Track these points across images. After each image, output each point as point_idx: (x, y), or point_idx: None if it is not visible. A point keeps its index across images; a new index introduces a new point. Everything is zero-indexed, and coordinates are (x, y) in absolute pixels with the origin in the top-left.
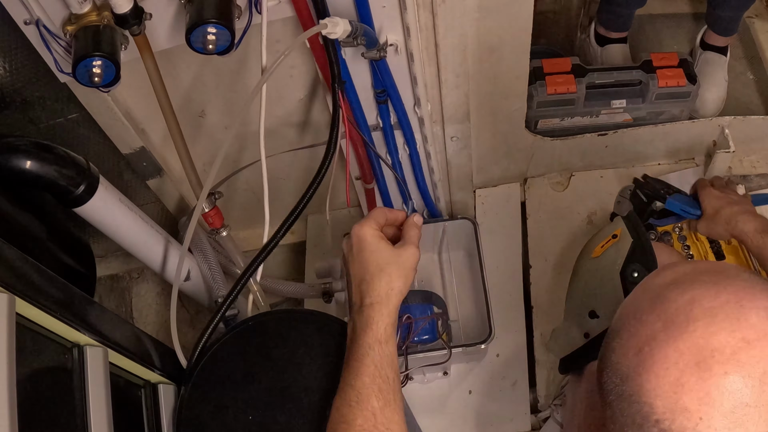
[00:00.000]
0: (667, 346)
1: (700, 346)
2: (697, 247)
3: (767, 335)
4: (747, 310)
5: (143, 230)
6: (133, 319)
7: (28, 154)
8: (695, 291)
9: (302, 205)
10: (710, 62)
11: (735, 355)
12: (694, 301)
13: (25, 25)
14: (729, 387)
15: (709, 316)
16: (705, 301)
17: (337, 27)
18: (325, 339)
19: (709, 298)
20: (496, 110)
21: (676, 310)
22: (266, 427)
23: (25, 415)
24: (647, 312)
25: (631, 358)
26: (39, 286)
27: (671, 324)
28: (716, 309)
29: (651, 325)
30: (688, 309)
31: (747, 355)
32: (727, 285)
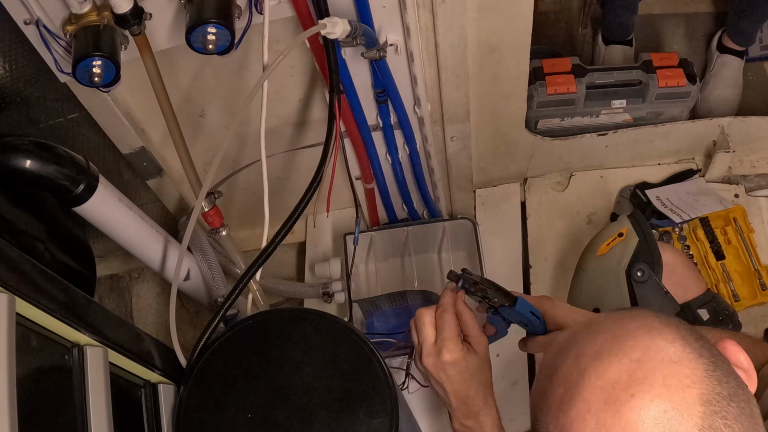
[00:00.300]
0: (574, 403)
1: (601, 387)
2: (697, 247)
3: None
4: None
5: (143, 230)
6: (133, 319)
7: (28, 153)
8: (577, 348)
9: (300, 208)
10: (727, 65)
11: (632, 377)
12: (578, 356)
13: (25, 25)
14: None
15: (595, 360)
16: (587, 350)
17: (336, 27)
18: (324, 338)
19: (590, 346)
20: (496, 110)
21: (568, 370)
22: (265, 426)
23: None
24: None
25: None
26: (39, 286)
27: (569, 383)
28: (598, 352)
29: (554, 394)
30: (576, 365)
31: (642, 371)
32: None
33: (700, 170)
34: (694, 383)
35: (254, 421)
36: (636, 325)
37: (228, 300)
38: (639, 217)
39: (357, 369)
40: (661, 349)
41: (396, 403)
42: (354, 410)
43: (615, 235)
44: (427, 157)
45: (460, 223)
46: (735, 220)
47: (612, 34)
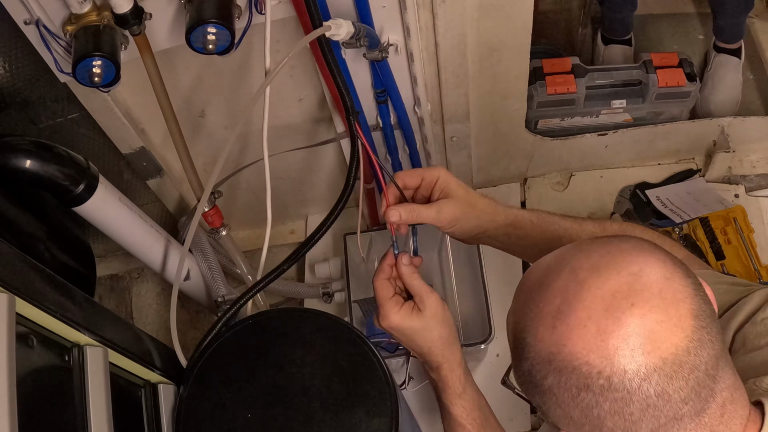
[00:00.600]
0: (574, 311)
1: (601, 296)
2: (697, 247)
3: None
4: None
5: (143, 230)
6: (133, 319)
7: (28, 153)
8: (571, 263)
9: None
10: (724, 64)
11: (631, 288)
12: (575, 269)
13: (25, 25)
14: (640, 314)
15: (594, 271)
16: (584, 264)
17: (341, 29)
18: (324, 338)
19: (585, 261)
20: (496, 110)
21: (566, 283)
22: (265, 425)
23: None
24: (540, 299)
25: (549, 338)
26: (39, 286)
27: (567, 294)
28: (596, 265)
29: (550, 305)
30: (574, 277)
31: (640, 283)
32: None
33: (700, 170)
34: (686, 297)
35: (254, 421)
36: (629, 246)
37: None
38: (631, 215)
39: (357, 369)
40: (655, 266)
41: (396, 403)
42: (354, 410)
43: None
44: (427, 157)
45: None
46: (735, 220)
47: (611, 31)
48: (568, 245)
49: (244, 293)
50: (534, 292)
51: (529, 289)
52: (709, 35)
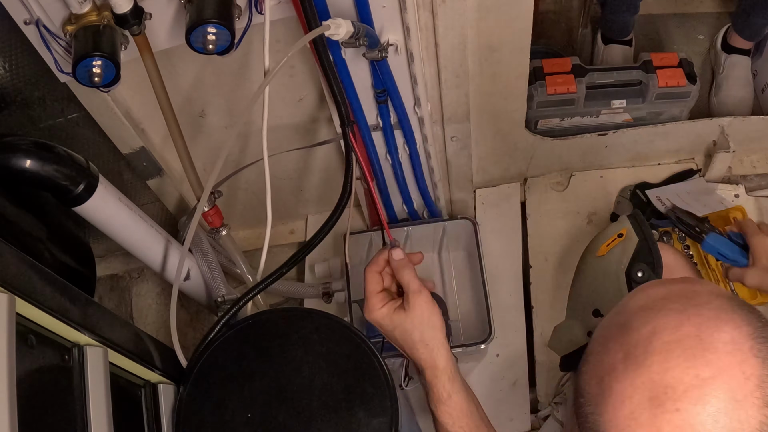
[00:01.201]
0: (624, 379)
1: (655, 382)
2: (697, 247)
3: (722, 373)
4: (706, 345)
5: (143, 230)
6: (133, 319)
7: (27, 153)
8: (659, 321)
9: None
10: (737, 65)
11: (687, 392)
12: (655, 332)
13: (25, 25)
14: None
15: (666, 350)
16: (666, 333)
17: (340, 28)
18: (324, 338)
19: (670, 331)
20: (496, 110)
21: (637, 341)
22: (265, 425)
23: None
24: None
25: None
26: (39, 286)
27: (631, 356)
28: (674, 343)
29: (614, 355)
30: (648, 341)
31: (699, 392)
32: (692, 314)
33: (700, 170)
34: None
35: (254, 421)
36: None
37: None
38: (639, 217)
39: (357, 369)
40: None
41: (396, 403)
42: (354, 410)
43: (615, 235)
44: (427, 157)
45: (460, 223)
46: (735, 220)
47: (612, 32)
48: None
49: (244, 294)
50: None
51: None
52: (709, 35)
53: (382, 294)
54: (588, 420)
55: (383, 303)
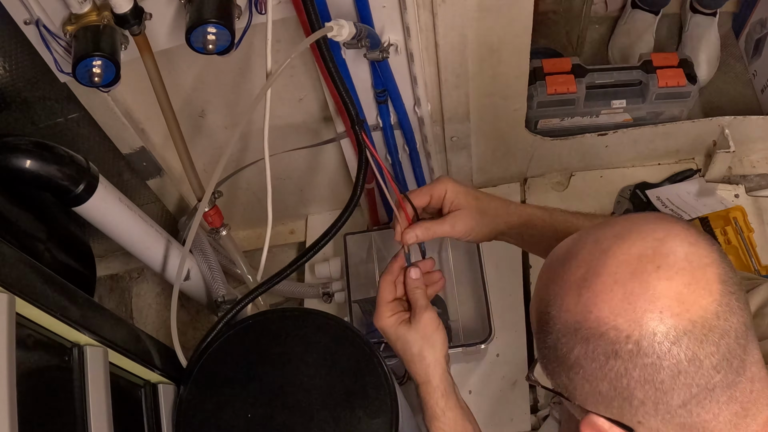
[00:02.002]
0: (600, 277)
1: (626, 261)
2: None
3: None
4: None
5: (143, 230)
6: (133, 319)
7: (28, 153)
8: (595, 233)
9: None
10: (701, 25)
11: (656, 252)
12: (598, 239)
13: (25, 25)
14: (666, 276)
15: (618, 239)
16: (607, 233)
17: (343, 30)
18: (324, 338)
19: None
20: (496, 110)
21: (590, 252)
22: (265, 426)
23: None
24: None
25: (574, 307)
26: (39, 286)
27: (592, 262)
28: (619, 233)
29: (575, 274)
30: (598, 246)
31: (665, 247)
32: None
33: (700, 170)
34: (713, 263)
35: (254, 421)
36: (652, 217)
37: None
38: None
39: (357, 369)
40: (680, 232)
41: (396, 403)
42: (354, 410)
43: None
44: (427, 157)
45: None
46: (735, 220)
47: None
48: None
49: (246, 295)
50: (558, 266)
51: (552, 264)
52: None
53: (394, 303)
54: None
55: (393, 313)
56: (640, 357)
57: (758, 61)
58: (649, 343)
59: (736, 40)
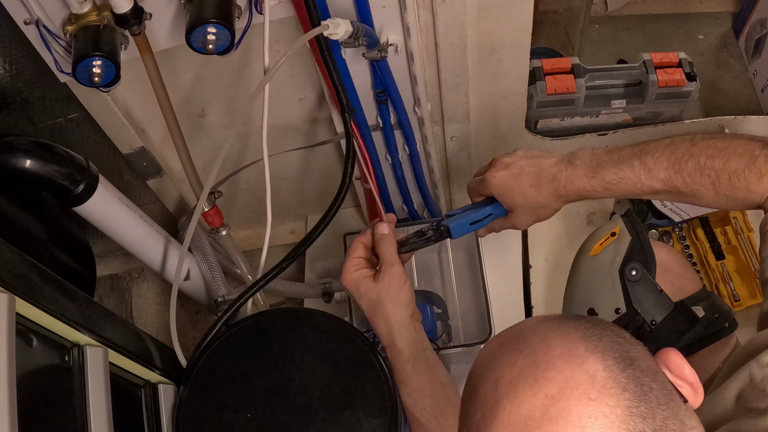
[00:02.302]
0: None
1: (513, 421)
2: (697, 247)
3: (568, 383)
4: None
5: (143, 230)
6: (133, 319)
7: (27, 153)
8: (497, 369)
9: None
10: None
11: (545, 414)
12: (497, 380)
13: (25, 25)
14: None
15: (511, 389)
16: (505, 375)
17: (339, 28)
18: (323, 337)
19: (508, 371)
20: (496, 110)
21: (485, 395)
22: (265, 425)
23: (25, 415)
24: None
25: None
26: (39, 286)
27: (486, 411)
28: (516, 379)
29: (474, 418)
30: (494, 390)
31: (555, 409)
32: (523, 348)
33: None
34: (613, 423)
35: (254, 421)
36: (559, 352)
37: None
38: (632, 216)
39: (357, 369)
40: (579, 384)
41: (396, 403)
42: (354, 410)
43: (608, 234)
44: (427, 157)
45: None
46: (735, 220)
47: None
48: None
49: (243, 291)
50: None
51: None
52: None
53: (359, 260)
54: None
55: (357, 268)
56: None
57: (758, 61)
58: None
59: (736, 39)
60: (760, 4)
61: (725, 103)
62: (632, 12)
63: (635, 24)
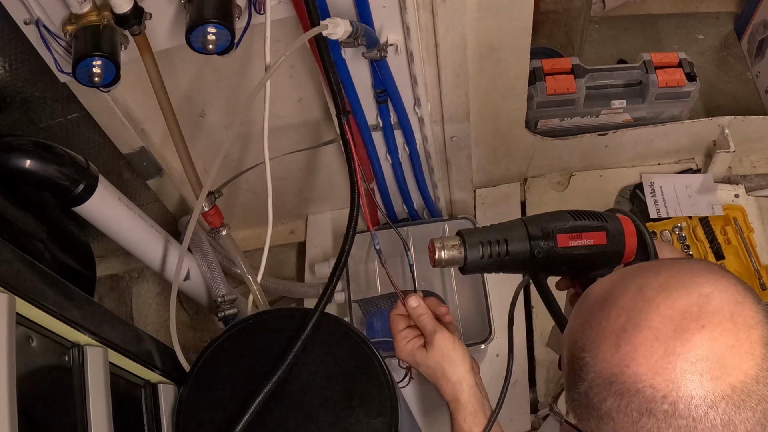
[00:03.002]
0: (641, 330)
1: (670, 316)
2: (697, 247)
3: (717, 286)
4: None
5: (143, 230)
6: (133, 319)
7: (27, 153)
8: (638, 280)
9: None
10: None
11: (702, 309)
12: (642, 287)
13: (25, 25)
14: (710, 337)
15: (663, 290)
16: (652, 282)
17: (338, 27)
18: (323, 338)
19: (653, 279)
20: (496, 110)
21: (632, 299)
22: (265, 426)
23: (25, 415)
24: (604, 317)
25: (612, 358)
26: (39, 286)
27: (634, 311)
28: (665, 284)
29: (614, 323)
30: (641, 295)
31: (711, 305)
32: (660, 267)
33: (700, 170)
34: (758, 324)
35: (254, 421)
36: (699, 267)
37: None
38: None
39: (357, 369)
40: (727, 288)
41: (396, 403)
42: (354, 410)
43: None
44: (427, 157)
45: (460, 223)
46: (735, 220)
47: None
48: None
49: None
50: (596, 309)
51: (590, 306)
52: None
53: (406, 331)
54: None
55: (407, 340)
56: (675, 418)
57: (762, 62)
58: (685, 405)
59: (738, 41)
60: (762, 6)
61: (726, 103)
62: (632, 12)
63: (635, 24)
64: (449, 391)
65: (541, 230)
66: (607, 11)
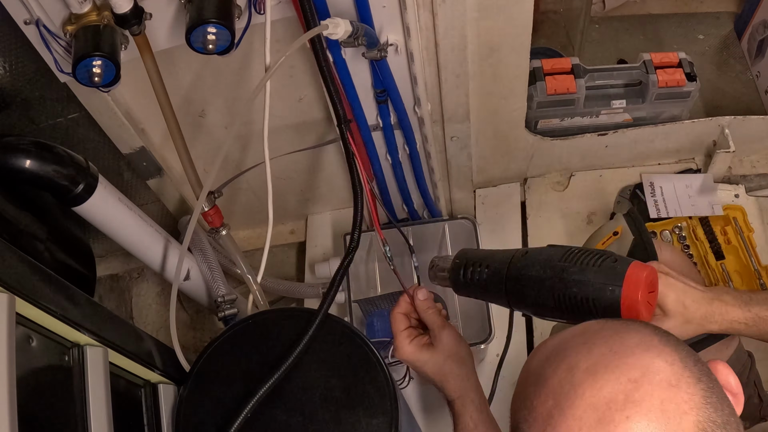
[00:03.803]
0: (565, 419)
1: (594, 405)
2: (697, 246)
3: (649, 369)
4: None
5: (143, 230)
6: (133, 319)
7: (27, 153)
8: (570, 358)
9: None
10: None
11: (628, 397)
12: (572, 367)
13: (25, 25)
14: (636, 429)
15: (590, 374)
16: (582, 362)
17: (338, 27)
18: (324, 338)
19: (584, 358)
20: (496, 110)
21: (560, 382)
22: (265, 426)
23: (25, 415)
24: (535, 397)
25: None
26: (39, 286)
27: (561, 396)
28: (595, 365)
29: (543, 405)
30: (569, 376)
31: (639, 393)
32: (596, 340)
33: (700, 170)
34: (692, 409)
35: (254, 421)
36: (635, 342)
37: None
38: (635, 215)
39: (357, 369)
40: (660, 370)
41: (396, 403)
42: (354, 410)
43: (610, 234)
44: (427, 157)
45: (460, 223)
46: (735, 220)
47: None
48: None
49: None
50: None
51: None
52: (709, 35)
53: (408, 331)
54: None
55: (410, 339)
56: None
57: (762, 62)
58: None
59: (738, 40)
60: (762, 6)
61: (726, 103)
62: (632, 12)
63: (635, 24)
64: (456, 388)
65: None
66: (607, 11)
